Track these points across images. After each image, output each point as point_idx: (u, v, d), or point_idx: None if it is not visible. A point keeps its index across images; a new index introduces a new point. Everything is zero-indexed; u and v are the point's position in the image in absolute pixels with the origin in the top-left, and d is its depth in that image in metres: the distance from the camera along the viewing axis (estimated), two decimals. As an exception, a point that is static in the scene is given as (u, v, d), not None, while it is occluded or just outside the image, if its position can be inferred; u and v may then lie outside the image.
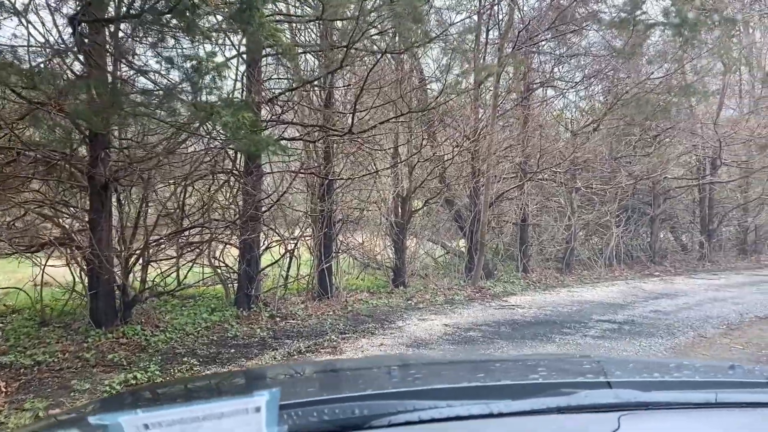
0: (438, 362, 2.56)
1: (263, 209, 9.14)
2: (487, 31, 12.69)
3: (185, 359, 6.53)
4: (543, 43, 13.46)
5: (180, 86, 5.98)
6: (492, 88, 11.82)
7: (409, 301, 10.37)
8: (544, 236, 15.62)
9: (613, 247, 15.84)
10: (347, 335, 7.85)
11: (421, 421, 1.23)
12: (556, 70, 14.08)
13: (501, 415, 1.27)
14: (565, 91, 14.20)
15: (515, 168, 13.80)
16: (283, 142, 8.13)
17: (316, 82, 9.23)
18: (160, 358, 6.57)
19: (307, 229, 10.42)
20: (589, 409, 1.32)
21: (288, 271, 10.06)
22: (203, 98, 5.95)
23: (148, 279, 8.40)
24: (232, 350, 7.06)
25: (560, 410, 1.30)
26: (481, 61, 12.58)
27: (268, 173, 9.41)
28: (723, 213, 19.13)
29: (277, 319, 8.81)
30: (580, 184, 14.84)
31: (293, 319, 8.87)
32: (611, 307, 9.97)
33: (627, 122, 14.28)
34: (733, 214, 19.59)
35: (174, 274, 9.03)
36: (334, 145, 10.18)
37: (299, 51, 9.01)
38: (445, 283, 12.18)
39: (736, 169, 16.91)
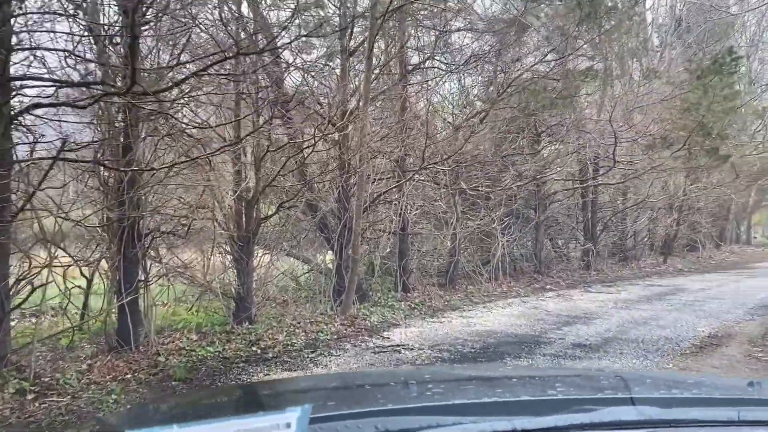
0: (456, 377, 2.56)
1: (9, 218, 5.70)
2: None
3: None
4: (422, 13, 11.06)
5: None
6: (365, 59, 9.13)
7: (254, 347, 7.35)
8: (425, 247, 13.25)
9: (499, 257, 13.82)
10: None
11: None
12: (436, 49, 11.71)
13: (525, 431, 1.25)
14: (447, 73, 11.90)
15: (393, 165, 11.26)
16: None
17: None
18: None
19: (99, 247, 7.08)
20: (613, 426, 1.30)
21: (65, 310, 6.67)
22: None
23: None
24: None
25: (584, 427, 1.29)
26: (349, 29, 9.93)
27: (20, 162, 5.95)
28: (606, 218, 18.01)
29: (31, 396, 5.43)
30: (465, 186, 12.63)
31: (59, 394, 5.54)
32: (523, 343, 7.63)
33: (520, 113, 12.28)
34: (614, 219, 18.59)
35: None
36: (143, 124, 6.98)
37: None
38: (308, 311, 9.30)
39: (620, 170, 15.71)
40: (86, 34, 6.38)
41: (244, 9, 8.81)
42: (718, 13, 20.74)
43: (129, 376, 6.23)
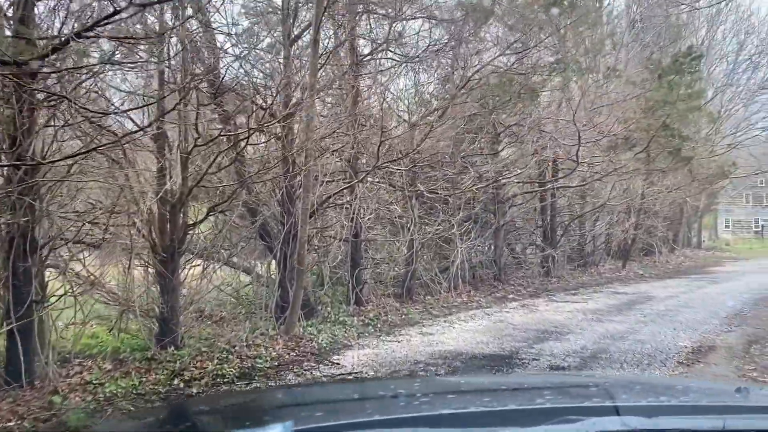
0: (444, 387, 2.52)
1: None
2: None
3: None
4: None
5: None
6: (311, 42, 8.03)
7: (177, 380, 6.14)
8: (380, 255, 12.21)
9: (458, 265, 12.90)
10: None
11: None
12: (390, 38, 10.69)
13: None
14: (401, 65, 10.91)
15: (344, 165, 10.20)
16: None
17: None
18: None
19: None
20: None
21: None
22: None
23: None
24: None
25: None
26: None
27: None
28: (566, 223, 17.37)
29: None
30: (422, 188, 11.67)
31: None
32: (494, 366, 6.68)
33: (480, 109, 11.41)
34: (573, 224, 17.98)
35: None
36: (38, 110, 5.73)
37: None
38: (246, 331, 8.12)
39: (582, 173, 15.06)
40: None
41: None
42: (671, 13, 20.52)
43: (12, 423, 4.97)
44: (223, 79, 7.71)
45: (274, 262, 9.70)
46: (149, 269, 7.49)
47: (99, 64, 5.31)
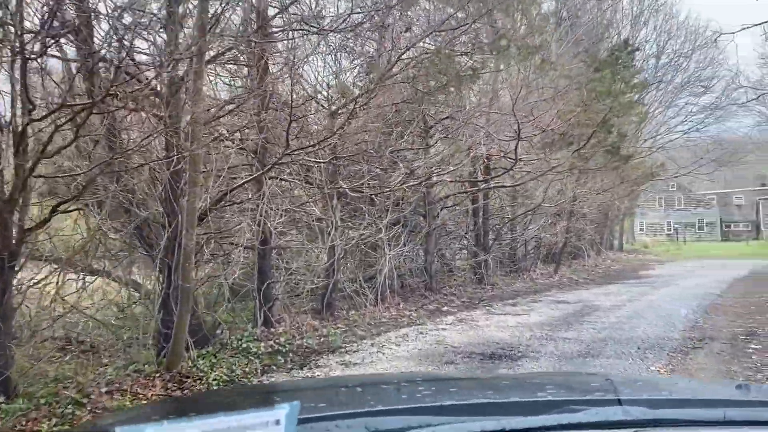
0: (448, 380, 2.62)
1: None
2: None
3: None
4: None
5: None
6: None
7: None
8: (295, 264, 10.44)
9: (386, 274, 11.34)
10: None
11: None
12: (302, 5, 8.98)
13: (513, 431, 1.26)
14: (316, 34, 9.20)
15: (250, 158, 8.40)
16: None
17: None
18: None
19: None
20: (599, 426, 1.32)
21: None
22: None
23: None
24: None
25: (571, 427, 1.30)
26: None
27: None
28: (499, 226, 16.19)
29: None
30: (344, 186, 10.02)
31: None
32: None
33: (412, 94, 9.90)
34: (506, 227, 16.85)
35: None
36: None
37: None
38: (114, 368, 6.19)
39: (518, 171, 13.88)
40: None
41: None
42: (597, 10, 19.94)
43: None
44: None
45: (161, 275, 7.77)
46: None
47: None
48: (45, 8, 5.45)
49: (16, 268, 5.52)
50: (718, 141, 29.95)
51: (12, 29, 5.19)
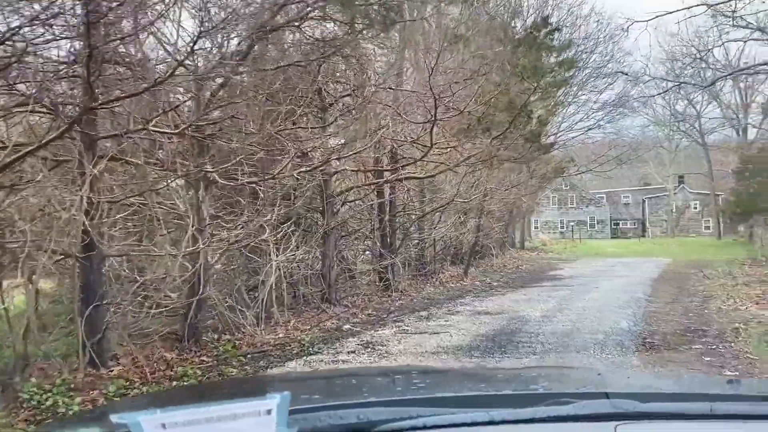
0: (441, 371, 2.76)
1: None
2: None
3: None
4: None
5: None
6: None
7: None
8: (147, 276, 7.85)
9: (272, 284, 8.98)
10: None
11: (425, 428, 1.25)
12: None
13: (503, 422, 1.28)
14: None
15: (59, 121, 5.75)
16: None
17: None
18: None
19: None
20: (588, 418, 1.33)
21: None
22: None
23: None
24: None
25: (559, 419, 1.31)
26: None
27: None
28: (407, 225, 14.22)
29: None
30: (211, 170, 7.57)
31: None
32: None
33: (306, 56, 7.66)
34: (415, 225, 14.92)
35: None
36: None
37: None
38: None
39: (432, 161, 11.95)
40: None
41: None
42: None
43: None
44: None
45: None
46: None
47: None
48: None
49: None
50: (618, 138, 29.93)
51: None
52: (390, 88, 10.85)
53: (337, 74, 11.09)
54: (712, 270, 17.78)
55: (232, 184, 7.69)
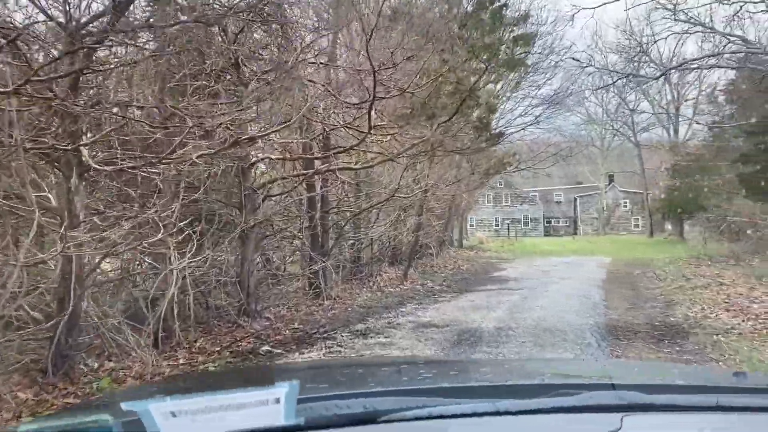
0: (447, 362, 2.75)
1: None
2: None
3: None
4: None
5: None
6: None
7: None
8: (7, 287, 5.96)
9: (172, 299, 7.23)
10: None
11: (430, 417, 1.25)
12: None
13: (507, 413, 1.28)
14: None
15: None
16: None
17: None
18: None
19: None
20: (593, 409, 1.32)
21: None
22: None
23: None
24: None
25: (565, 410, 1.31)
26: None
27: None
28: (342, 223, 12.65)
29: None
30: (86, 155, 5.79)
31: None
32: None
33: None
34: (349, 224, 13.36)
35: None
36: None
37: None
38: None
39: (372, 149, 10.44)
40: None
41: None
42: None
43: None
44: None
45: None
46: None
47: None
48: None
49: None
50: (557, 134, 29.35)
51: None
52: (322, 63, 9.26)
53: (259, 48, 9.41)
54: (659, 270, 17.11)
55: (108, 169, 5.91)
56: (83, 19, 6.07)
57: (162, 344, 7.24)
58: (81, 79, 6.09)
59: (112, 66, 6.38)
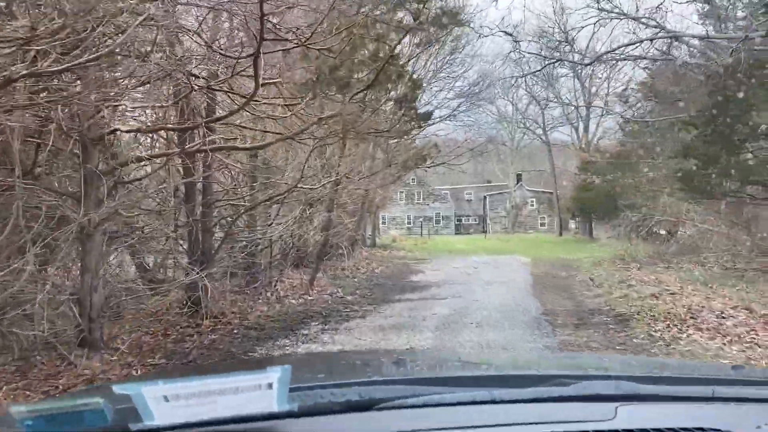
0: (447, 357, 2.66)
1: None
2: None
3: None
4: None
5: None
6: None
7: None
8: None
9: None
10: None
11: (426, 405, 1.23)
12: None
13: (503, 402, 1.27)
14: None
15: None
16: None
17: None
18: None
19: None
20: (589, 399, 1.31)
21: None
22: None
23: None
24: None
25: (560, 399, 1.30)
26: None
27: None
28: (230, 221, 10.11)
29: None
30: None
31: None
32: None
33: None
34: (241, 221, 10.86)
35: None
36: None
37: None
38: None
39: (268, 123, 8.03)
40: None
41: None
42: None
43: None
44: None
45: None
46: None
47: None
48: None
49: None
50: (471, 130, 27.97)
51: None
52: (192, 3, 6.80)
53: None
54: (587, 273, 15.78)
55: None
56: None
57: None
58: None
59: None
